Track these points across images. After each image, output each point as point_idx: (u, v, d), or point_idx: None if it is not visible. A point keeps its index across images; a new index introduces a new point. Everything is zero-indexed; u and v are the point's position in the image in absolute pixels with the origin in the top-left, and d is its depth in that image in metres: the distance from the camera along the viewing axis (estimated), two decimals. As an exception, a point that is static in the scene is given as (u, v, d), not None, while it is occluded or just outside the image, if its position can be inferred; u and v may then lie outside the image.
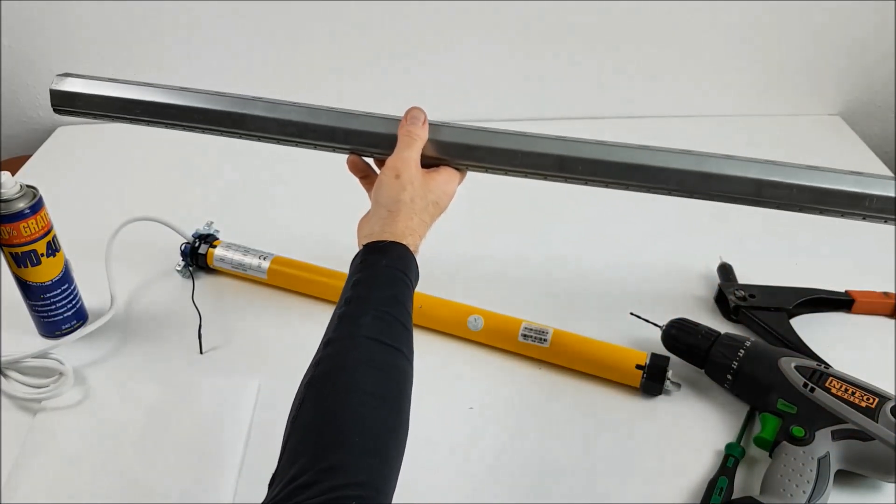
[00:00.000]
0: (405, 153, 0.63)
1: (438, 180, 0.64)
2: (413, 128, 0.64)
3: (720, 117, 1.18)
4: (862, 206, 0.59)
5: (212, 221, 0.88)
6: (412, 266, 0.60)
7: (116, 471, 0.63)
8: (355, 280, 0.57)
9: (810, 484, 0.59)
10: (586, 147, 0.66)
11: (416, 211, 0.61)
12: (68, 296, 0.74)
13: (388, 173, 0.62)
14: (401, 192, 0.60)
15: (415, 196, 0.61)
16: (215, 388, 0.70)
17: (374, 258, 0.58)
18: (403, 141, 0.63)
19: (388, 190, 0.61)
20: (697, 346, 0.71)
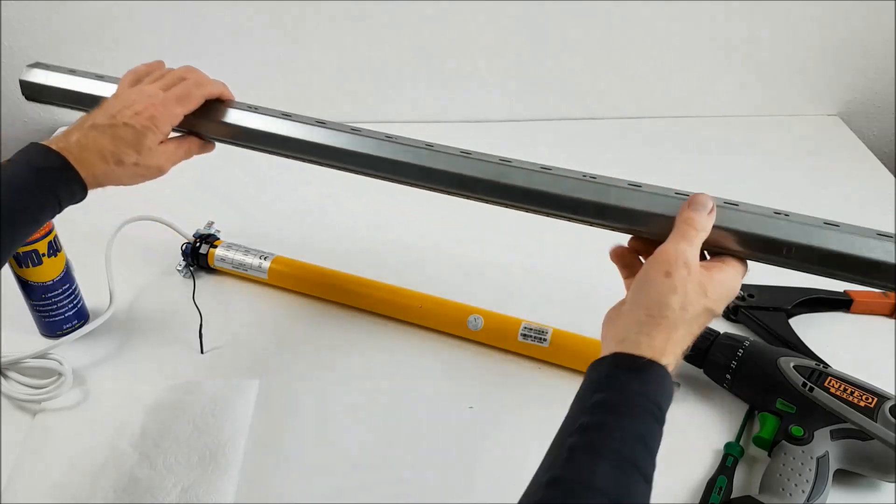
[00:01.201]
0: (682, 245, 0.51)
1: (720, 279, 0.52)
2: (697, 215, 0.52)
3: (720, 117, 1.18)
4: (780, 253, 0.53)
5: (212, 221, 0.88)
6: (668, 396, 0.48)
7: (116, 472, 0.63)
8: (598, 400, 0.47)
9: (809, 483, 0.59)
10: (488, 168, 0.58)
11: (684, 320, 0.50)
12: (69, 295, 0.74)
13: (657, 268, 0.51)
14: (669, 296, 0.49)
15: (686, 303, 0.49)
16: (215, 388, 0.70)
17: (626, 378, 0.47)
18: (681, 230, 0.52)
19: (653, 289, 0.50)
20: (696, 346, 0.70)
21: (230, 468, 0.63)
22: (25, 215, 0.58)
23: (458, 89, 1.15)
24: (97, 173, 0.60)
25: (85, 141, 0.59)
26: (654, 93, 1.17)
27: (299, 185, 1.02)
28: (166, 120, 0.62)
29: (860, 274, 0.51)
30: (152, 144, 0.61)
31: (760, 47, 1.12)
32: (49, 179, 0.58)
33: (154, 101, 0.62)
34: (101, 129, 0.60)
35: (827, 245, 0.52)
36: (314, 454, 0.66)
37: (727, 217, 0.53)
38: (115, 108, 0.61)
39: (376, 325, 0.79)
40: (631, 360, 0.48)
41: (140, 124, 0.60)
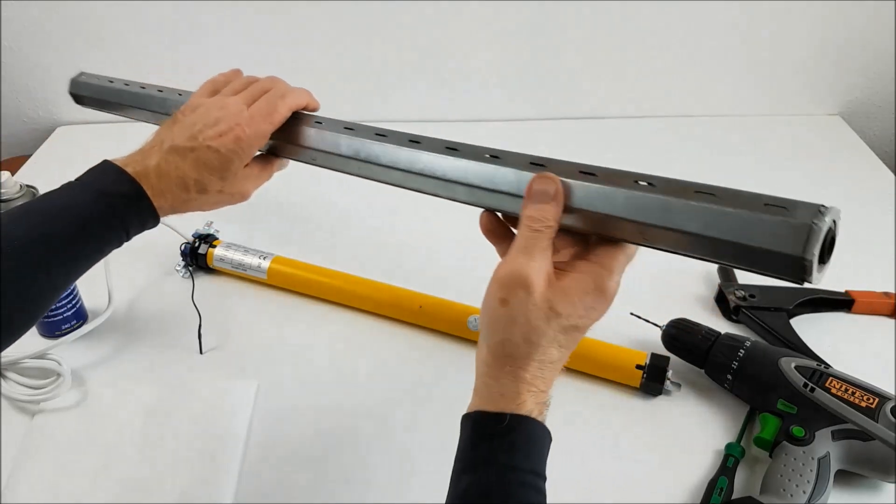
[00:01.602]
0: (518, 260, 0.42)
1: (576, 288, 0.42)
2: (537, 210, 0.43)
3: (720, 117, 1.18)
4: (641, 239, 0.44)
5: (211, 221, 0.88)
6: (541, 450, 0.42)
7: (115, 472, 0.63)
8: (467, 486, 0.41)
9: (810, 484, 0.59)
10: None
11: (534, 357, 0.42)
12: (68, 295, 0.74)
13: (493, 294, 0.42)
14: (509, 330, 0.41)
15: (531, 333, 0.41)
16: (215, 389, 0.70)
17: (490, 450, 0.41)
18: (520, 236, 0.43)
19: (491, 323, 0.43)
20: (697, 346, 0.71)
21: (229, 468, 0.63)
22: (87, 249, 0.51)
23: (458, 89, 1.15)
24: (175, 203, 0.54)
25: (166, 167, 0.53)
26: (655, 92, 1.17)
27: (299, 185, 1.02)
28: (253, 141, 0.55)
29: (744, 263, 0.40)
30: (238, 169, 0.55)
31: (761, 47, 1.12)
32: (120, 210, 0.51)
33: (239, 119, 0.55)
34: (182, 154, 0.53)
35: (697, 229, 0.40)
36: (313, 454, 0.66)
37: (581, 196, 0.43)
38: (195, 125, 0.54)
39: (376, 325, 0.79)
40: (490, 422, 0.42)
41: (226, 147, 0.54)
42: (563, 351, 0.43)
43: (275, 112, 0.57)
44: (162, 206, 0.53)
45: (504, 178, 0.47)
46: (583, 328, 0.44)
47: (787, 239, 0.37)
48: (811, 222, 0.37)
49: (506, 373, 0.42)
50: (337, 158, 0.57)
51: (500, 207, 0.49)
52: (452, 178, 0.50)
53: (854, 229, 0.93)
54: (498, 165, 0.48)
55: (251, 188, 0.59)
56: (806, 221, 0.37)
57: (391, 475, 0.64)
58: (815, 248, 0.37)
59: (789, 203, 0.38)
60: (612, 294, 0.44)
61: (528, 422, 0.42)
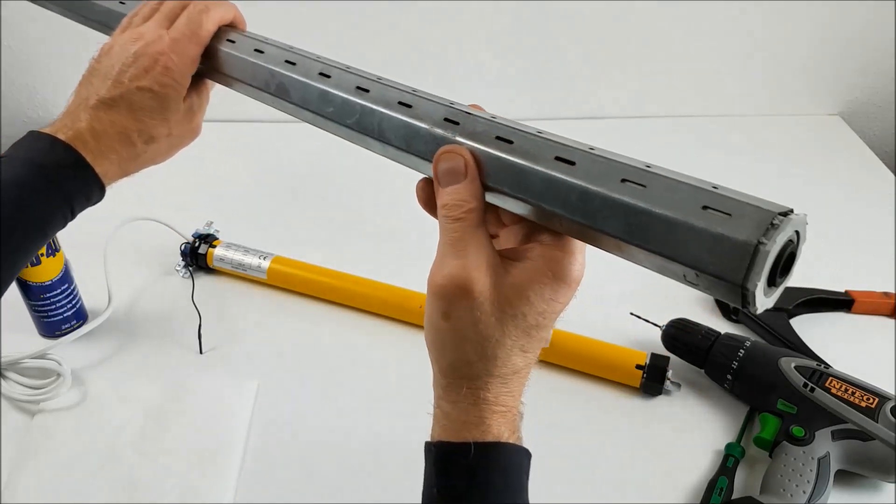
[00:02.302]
0: (449, 263, 0.35)
1: (525, 282, 0.35)
2: (453, 196, 0.36)
3: (720, 117, 1.18)
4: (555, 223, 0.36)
5: (211, 221, 0.88)
6: (522, 478, 0.37)
7: (115, 472, 0.63)
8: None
9: (810, 484, 0.59)
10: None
11: (492, 371, 0.36)
12: (68, 296, 0.74)
13: (433, 308, 0.37)
14: (460, 348, 0.36)
15: (485, 347, 0.35)
16: (215, 389, 0.70)
17: (456, 487, 0.36)
18: (445, 230, 0.36)
19: (438, 341, 0.37)
20: (697, 346, 0.71)
21: (229, 468, 0.63)
22: (28, 230, 0.45)
23: (458, 89, 1.14)
24: (124, 162, 0.48)
25: (99, 125, 0.46)
26: (655, 92, 1.17)
27: (299, 185, 1.02)
28: (184, 68, 0.48)
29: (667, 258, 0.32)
30: (178, 104, 0.49)
31: (761, 47, 1.12)
32: (58, 181, 0.45)
33: (161, 45, 0.47)
34: (113, 105, 0.46)
35: (616, 232, 0.33)
36: (313, 454, 0.65)
37: (492, 172, 0.36)
38: (114, 68, 0.47)
39: (376, 325, 0.79)
40: (454, 455, 0.36)
41: (157, 83, 0.47)
42: (528, 356, 0.37)
43: (199, 29, 0.49)
44: (108, 170, 0.47)
45: (417, 137, 0.39)
46: (547, 325, 0.37)
47: (724, 260, 0.29)
48: (757, 241, 0.28)
49: (463, 396, 0.36)
50: (251, 89, 0.49)
51: (420, 171, 0.40)
52: (362, 128, 0.41)
53: (854, 229, 0.94)
54: (409, 118, 0.40)
55: (199, 119, 0.52)
56: (750, 240, 0.28)
57: (391, 475, 0.64)
58: (759, 276, 0.28)
59: (736, 207, 0.29)
60: (576, 280, 0.36)
61: (498, 449, 0.36)
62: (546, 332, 0.37)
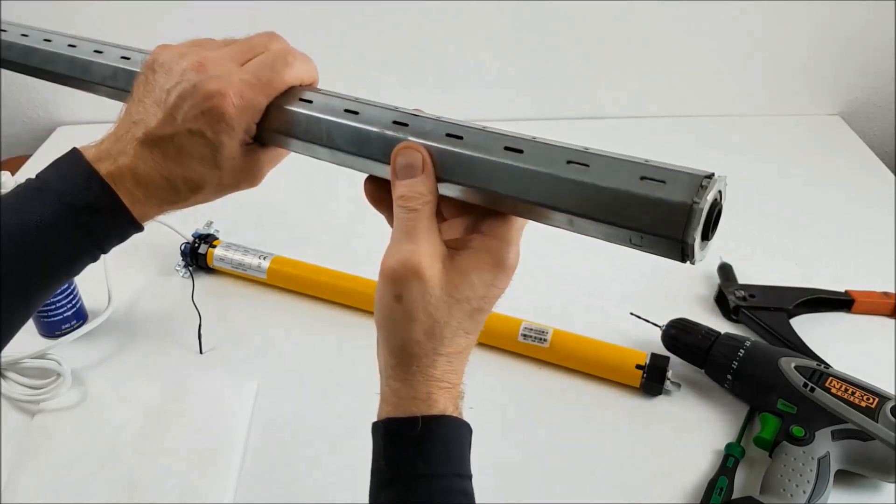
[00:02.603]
0: (404, 248, 0.38)
1: (473, 266, 0.39)
2: (409, 188, 0.38)
3: (720, 117, 1.18)
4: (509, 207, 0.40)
5: (211, 221, 0.88)
6: (460, 447, 0.39)
7: (115, 472, 0.63)
8: (388, 502, 0.39)
9: (810, 484, 0.59)
10: None
11: (440, 350, 0.38)
12: (68, 296, 0.74)
13: (385, 290, 0.38)
14: (409, 329, 0.38)
15: (434, 327, 0.38)
16: (214, 388, 0.70)
17: (408, 459, 0.38)
18: (400, 220, 0.39)
19: (388, 322, 0.39)
20: (697, 346, 0.71)
21: (229, 469, 0.63)
22: (52, 272, 0.42)
23: (458, 89, 1.15)
24: (165, 205, 0.43)
25: (143, 167, 0.41)
26: (655, 92, 1.17)
27: (299, 185, 1.02)
28: (245, 117, 0.41)
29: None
30: (234, 153, 0.42)
31: (761, 47, 1.12)
32: (90, 226, 0.41)
33: (225, 83, 0.40)
34: (160, 145, 0.41)
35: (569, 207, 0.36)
36: (313, 454, 0.65)
37: (446, 165, 0.39)
38: (169, 95, 0.41)
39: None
40: (403, 429, 0.38)
41: (212, 129, 0.40)
42: (470, 337, 0.40)
43: (275, 78, 0.42)
44: (146, 213, 0.43)
45: (368, 141, 0.41)
46: (486, 309, 0.40)
47: (664, 220, 0.33)
48: (691, 201, 0.32)
49: (412, 374, 0.38)
50: None
51: (372, 173, 0.43)
52: (311, 138, 0.43)
53: (854, 229, 0.94)
54: (359, 123, 0.41)
55: (264, 169, 0.46)
56: (685, 200, 0.33)
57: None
58: (695, 231, 0.33)
59: (669, 175, 0.34)
60: (512, 267, 0.40)
61: (444, 421, 0.38)
62: (485, 315, 0.40)
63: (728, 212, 0.35)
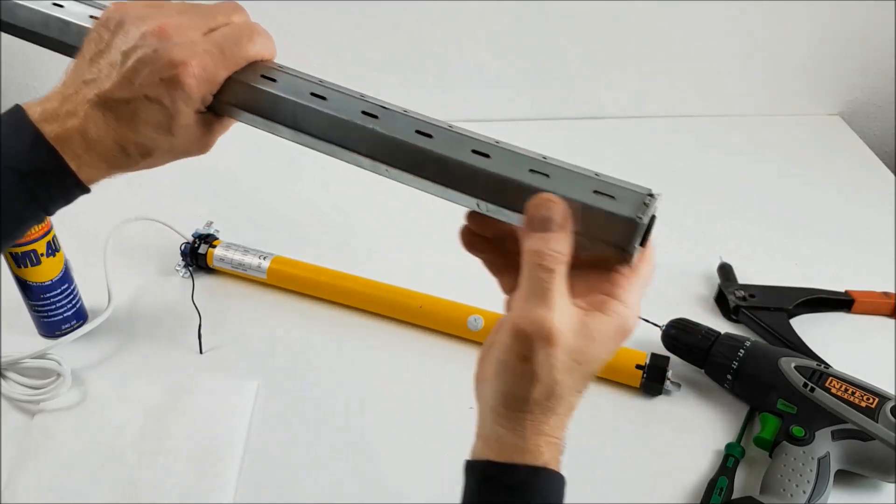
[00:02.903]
0: (538, 312, 0.36)
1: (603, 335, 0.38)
2: (546, 245, 0.37)
3: (720, 117, 1.18)
4: None
5: (211, 221, 0.88)
6: (561, 499, 0.40)
7: (116, 472, 0.63)
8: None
9: (810, 484, 0.59)
10: None
11: (556, 409, 0.38)
12: (68, 296, 0.74)
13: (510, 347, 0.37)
14: (531, 388, 0.37)
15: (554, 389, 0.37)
16: (215, 389, 0.70)
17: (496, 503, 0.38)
18: (533, 279, 0.37)
19: (509, 377, 0.38)
20: (697, 346, 0.71)
21: (229, 469, 0.63)
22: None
23: (458, 88, 1.15)
24: (113, 169, 0.43)
25: (94, 130, 0.40)
26: (655, 92, 1.17)
27: (299, 185, 1.02)
28: (204, 89, 0.41)
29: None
30: (189, 121, 0.42)
31: (761, 47, 1.12)
32: (36, 190, 0.40)
33: (187, 53, 0.39)
34: (114, 108, 0.40)
35: None
36: (313, 454, 0.66)
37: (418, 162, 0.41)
38: (126, 59, 0.40)
39: (376, 325, 0.79)
40: (501, 476, 0.38)
41: (171, 97, 0.40)
42: (581, 395, 0.40)
43: (237, 52, 0.42)
44: (93, 176, 0.42)
45: (337, 128, 0.42)
46: (597, 370, 0.40)
47: (612, 230, 0.38)
48: (636, 217, 0.37)
49: (523, 426, 0.38)
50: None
51: (339, 158, 0.44)
52: (274, 117, 0.44)
53: (854, 229, 0.94)
54: (327, 110, 0.42)
55: (214, 140, 0.45)
56: (631, 216, 0.37)
57: (391, 475, 0.64)
58: (636, 241, 0.37)
59: (618, 191, 0.38)
60: (632, 331, 0.40)
61: (544, 474, 0.38)
62: (590, 379, 0.40)
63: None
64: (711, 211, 0.97)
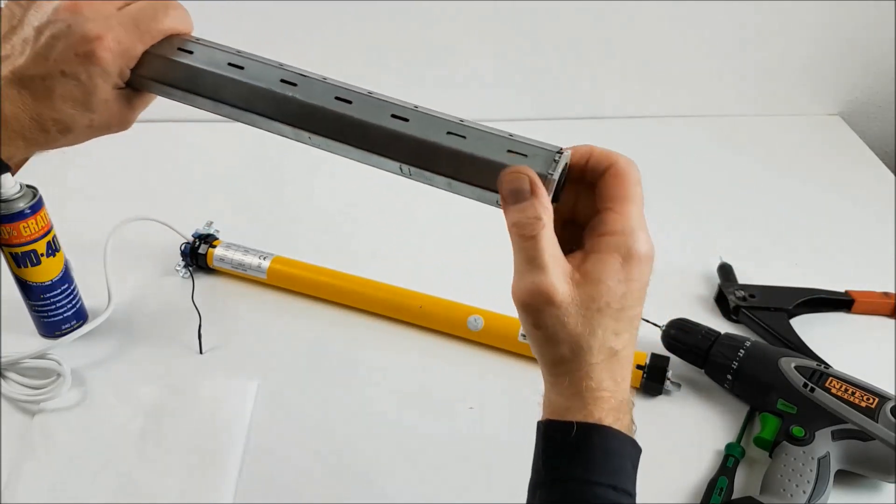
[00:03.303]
0: (531, 278, 0.38)
1: (606, 272, 0.38)
2: (522, 215, 0.38)
3: (720, 117, 1.18)
4: None
5: (211, 221, 0.87)
6: (626, 465, 0.40)
7: (116, 472, 0.63)
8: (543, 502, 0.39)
9: (810, 484, 0.59)
10: None
11: (592, 362, 0.38)
12: (68, 296, 0.74)
13: (523, 320, 0.40)
14: (555, 350, 0.39)
15: (581, 341, 0.38)
16: (215, 389, 0.70)
17: (565, 465, 0.39)
18: (520, 249, 0.39)
19: (537, 348, 0.40)
20: (697, 346, 0.71)
21: (229, 469, 0.63)
22: None
23: (458, 88, 1.15)
24: (31, 147, 0.42)
25: (10, 108, 0.40)
26: (655, 92, 1.17)
27: (298, 184, 1.02)
28: (121, 63, 0.41)
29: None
30: (107, 95, 0.42)
31: (761, 47, 1.12)
32: None
33: (102, 27, 0.39)
34: (31, 84, 0.40)
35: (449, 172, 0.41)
36: (313, 455, 0.65)
37: (336, 127, 0.42)
38: (40, 34, 0.39)
39: (376, 325, 0.79)
40: (562, 433, 0.39)
41: (87, 73, 0.40)
42: (623, 336, 0.39)
43: (153, 25, 0.42)
44: (12, 154, 0.41)
45: (255, 97, 0.43)
46: (633, 304, 0.39)
47: None
48: (548, 172, 0.39)
49: (566, 387, 0.39)
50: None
51: (258, 127, 0.45)
52: (193, 88, 0.44)
53: (854, 229, 0.94)
54: (245, 79, 0.43)
55: (134, 116, 0.45)
56: (543, 172, 0.39)
57: (391, 475, 0.64)
58: (549, 196, 0.39)
59: (530, 150, 0.40)
60: (645, 254, 0.39)
61: (600, 431, 0.39)
62: (634, 310, 0.40)
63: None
64: (711, 211, 0.97)
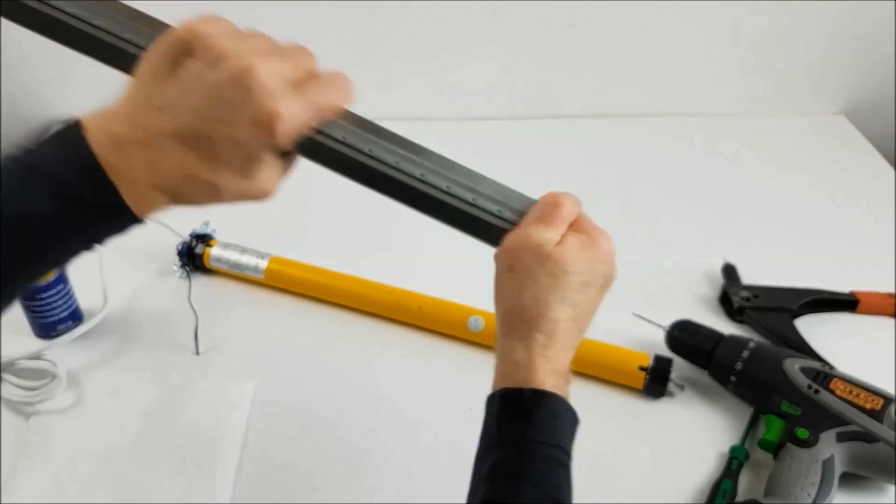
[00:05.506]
0: (526, 230, 0.44)
1: (578, 245, 0.44)
2: (555, 215, 0.44)
3: (722, 117, 1.17)
4: None
5: (208, 221, 0.87)
6: (568, 430, 0.44)
7: (112, 473, 0.62)
8: (495, 462, 0.42)
9: (815, 486, 0.58)
10: None
11: (550, 311, 0.43)
12: (64, 296, 0.74)
13: (501, 263, 0.45)
14: (518, 295, 0.43)
15: (542, 292, 0.42)
16: (212, 389, 0.70)
17: (515, 424, 0.42)
18: (537, 209, 0.45)
19: (501, 293, 0.45)
20: (701, 348, 0.70)
21: (226, 470, 0.63)
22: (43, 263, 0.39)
23: (457, 87, 1.14)
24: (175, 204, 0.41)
25: (166, 165, 0.37)
26: (655, 91, 1.16)
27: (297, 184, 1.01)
28: (289, 137, 0.39)
29: None
30: (265, 170, 0.40)
31: (764, 45, 1.12)
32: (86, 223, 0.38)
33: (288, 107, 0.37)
34: (191, 143, 0.37)
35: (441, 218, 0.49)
36: (311, 456, 0.65)
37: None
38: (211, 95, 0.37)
39: (375, 326, 0.78)
40: (515, 399, 0.42)
41: (259, 143, 0.38)
42: (578, 310, 0.43)
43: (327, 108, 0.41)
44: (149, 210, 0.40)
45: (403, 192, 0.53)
46: (593, 284, 0.44)
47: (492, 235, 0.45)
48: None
49: (517, 339, 0.42)
50: None
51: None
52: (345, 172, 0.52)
53: (858, 229, 0.93)
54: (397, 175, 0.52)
55: (276, 184, 0.43)
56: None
57: (390, 475, 0.64)
58: None
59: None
60: (605, 250, 0.45)
61: (548, 397, 0.42)
62: (593, 292, 0.44)
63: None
64: (715, 211, 0.96)
